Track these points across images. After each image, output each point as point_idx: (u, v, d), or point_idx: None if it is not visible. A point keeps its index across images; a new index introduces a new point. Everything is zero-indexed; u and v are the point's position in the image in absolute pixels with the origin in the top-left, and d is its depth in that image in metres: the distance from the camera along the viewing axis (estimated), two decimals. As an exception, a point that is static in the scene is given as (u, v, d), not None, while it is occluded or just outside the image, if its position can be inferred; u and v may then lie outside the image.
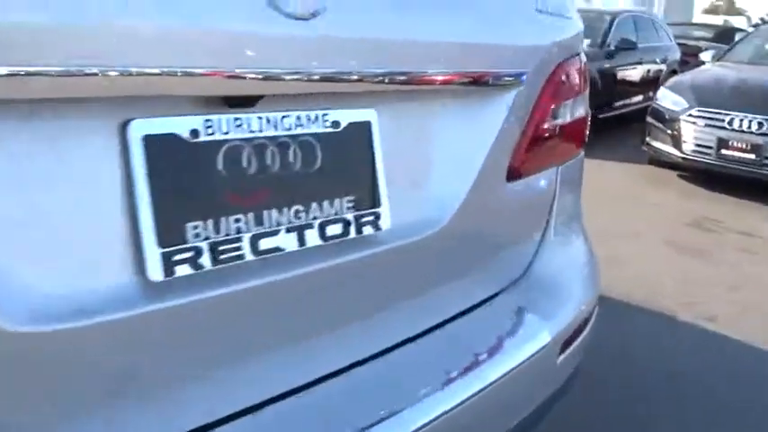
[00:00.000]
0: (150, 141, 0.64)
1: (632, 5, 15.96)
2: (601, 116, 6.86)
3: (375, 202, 0.85)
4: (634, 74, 7.53)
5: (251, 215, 0.72)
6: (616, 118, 7.26)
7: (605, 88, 6.74)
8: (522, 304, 1.19)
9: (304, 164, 0.77)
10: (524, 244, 1.22)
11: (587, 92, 1.28)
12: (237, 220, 0.71)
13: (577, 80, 1.20)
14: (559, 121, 1.17)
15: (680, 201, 4.66)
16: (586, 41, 6.99)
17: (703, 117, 4.87)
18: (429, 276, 1.01)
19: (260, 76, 0.67)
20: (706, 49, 7.44)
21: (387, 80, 0.81)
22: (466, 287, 1.10)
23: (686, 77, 5.68)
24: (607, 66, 6.84)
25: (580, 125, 1.26)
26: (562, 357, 1.17)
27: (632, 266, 3.25)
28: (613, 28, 7.14)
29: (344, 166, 0.82)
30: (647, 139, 5.40)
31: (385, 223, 0.86)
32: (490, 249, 1.13)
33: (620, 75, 7.18)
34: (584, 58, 1.25)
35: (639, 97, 7.56)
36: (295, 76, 0.70)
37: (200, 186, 0.68)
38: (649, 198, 4.68)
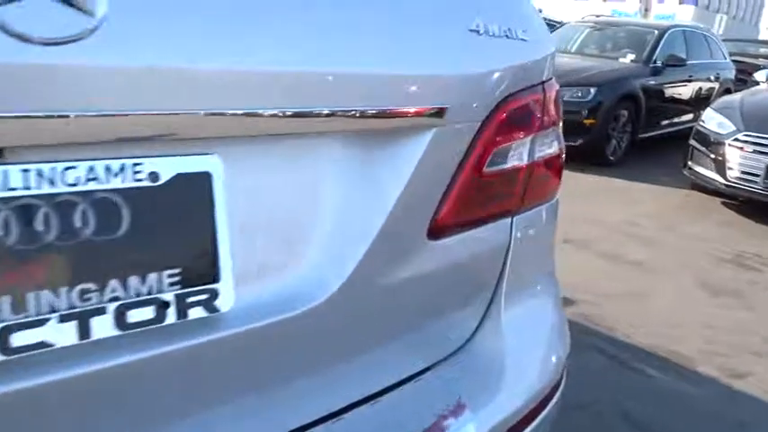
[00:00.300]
0: None
1: (693, 20, 15.34)
2: (643, 136, 6.50)
3: (211, 277, 0.65)
4: (683, 92, 7.11)
5: (4, 299, 0.54)
6: (662, 138, 6.87)
7: (650, 106, 6.37)
8: (451, 388, 0.97)
9: (100, 229, 0.58)
10: (462, 314, 1.00)
11: (559, 126, 1.06)
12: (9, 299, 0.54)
13: (541, 114, 0.99)
14: (513, 164, 0.95)
15: (720, 232, 4.29)
16: (630, 57, 6.67)
17: (751, 142, 4.49)
18: (314, 356, 0.81)
19: None
20: (763, 68, 6.96)
21: (210, 120, 0.61)
22: (372, 365, 0.89)
23: (735, 98, 5.27)
24: (652, 83, 6.47)
25: (549, 164, 1.05)
26: None
27: (655, 306, 2.96)
28: (661, 43, 6.75)
29: (166, 231, 0.62)
30: (689, 162, 5.03)
31: (226, 303, 0.66)
32: (407, 322, 0.92)
33: (667, 93, 6.79)
34: (554, 86, 1.04)
35: (688, 116, 7.13)
36: (45, 115, 0.51)
37: None
38: (687, 228, 4.33)
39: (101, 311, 0.59)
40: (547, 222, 1.12)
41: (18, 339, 0.54)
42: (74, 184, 0.56)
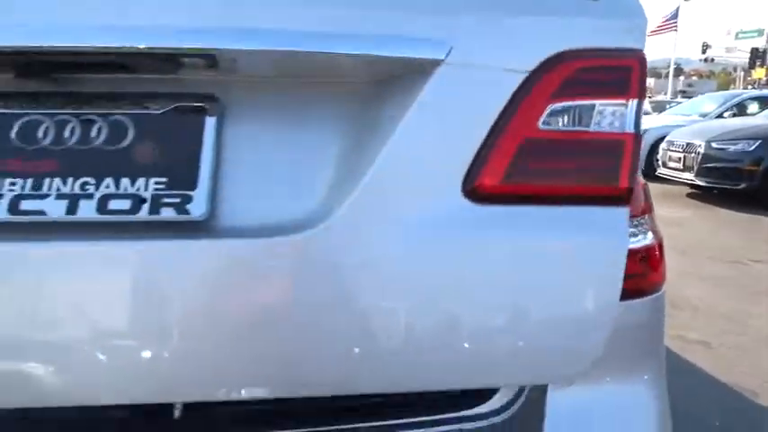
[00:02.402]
0: None
1: None
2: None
3: (188, 188, 0.80)
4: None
5: (27, 181, 0.79)
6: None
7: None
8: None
9: (108, 141, 0.81)
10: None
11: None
12: (11, 185, 0.79)
13: (625, 82, 0.88)
14: (593, 130, 0.86)
15: None
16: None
17: None
18: (286, 305, 0.82)
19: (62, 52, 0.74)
20: None
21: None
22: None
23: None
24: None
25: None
26: None
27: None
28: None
29: (159, 148, 0.82)
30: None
31: (197, 209, 0.80)
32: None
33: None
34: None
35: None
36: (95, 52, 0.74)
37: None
38: None
39: (89, 197, 0.79)
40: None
41: (24, 205, 0.78)
42: (96, 108, 0.81)
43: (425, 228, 0.83)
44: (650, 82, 63.96)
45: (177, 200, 0.80)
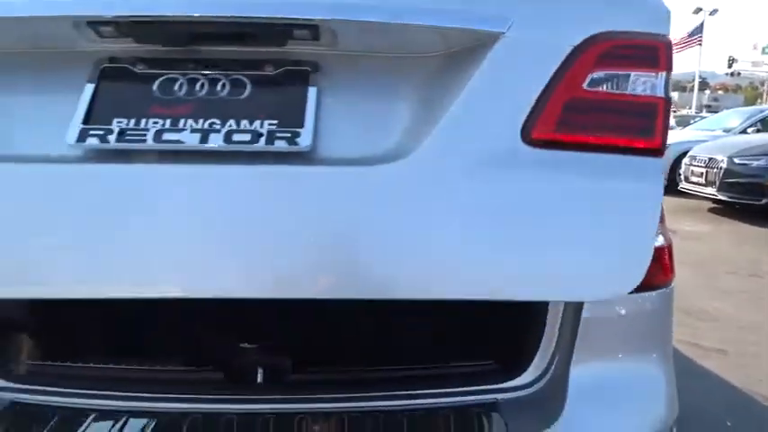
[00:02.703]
0: (105, 71, 1.09)
1: None
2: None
3: (296, 125, 1.04)
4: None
5: (167, 120, 1.04)
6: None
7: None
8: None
9: (230, 93, 1.07)
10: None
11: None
12: (154, 122, 1.04)
13: (653, 56, 1.10)
14: (626, 91, 1.08)
15: None
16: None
17: None
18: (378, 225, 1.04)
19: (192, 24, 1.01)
20: None
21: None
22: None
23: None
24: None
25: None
26: None
27: None
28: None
29: (273, 100, 1.07)
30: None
31: (303, 141, 1.03)
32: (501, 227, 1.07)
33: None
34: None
35: None
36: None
37: (133, 98, 1.07)
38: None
39: (217, 132, 1.04)
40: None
41: (166, 136, 1.03)
42: (220, 69, 1.08)
43: (490, 163, 1.04)
44: (675, 96, 63.39)
45: (288, 134, 1.04)
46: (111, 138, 1.03)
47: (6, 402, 1.31)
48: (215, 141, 1.03)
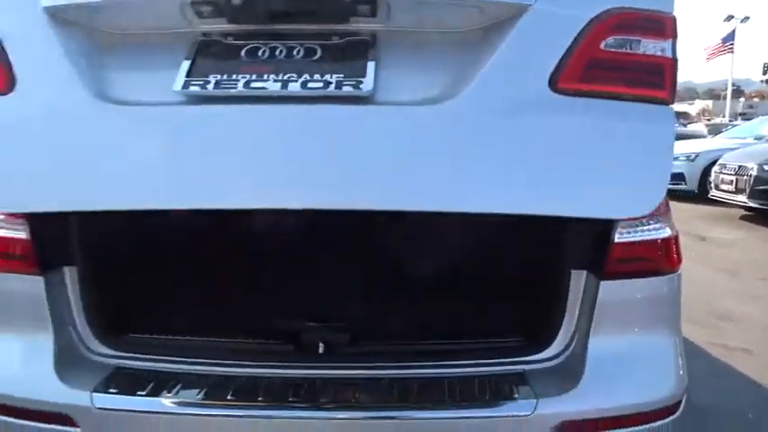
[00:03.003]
0: (202, 43, 1.39)
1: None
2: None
3: (359, 76, 1.32)
4: None
5: (253, 75, 1.33)
6: None
7: None
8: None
9: (304, 56, 1.36)
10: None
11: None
12: (242, 76, 1.33)
13: (659, 26, 1.36)
14: (636, 51, 1.34)
15: None
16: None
17: None
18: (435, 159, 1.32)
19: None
20: None
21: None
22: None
23: None
24: None
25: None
26: None
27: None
28: None
29: (338, 58, 1.35)
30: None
31: (367, 85, 1.31)
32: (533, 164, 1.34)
33: None
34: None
35: None
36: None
37: (225, 60, 1.36)
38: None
39: (294, 81, 1.32)
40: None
41: (254, 84, 1.32)
42: (298, 41, 1.38)
43: (520, 106, 1.32)
44: (708, 104, 62.28)
45: (353, 83, 1.32)
46: (209, 86, 1.33)
47: (112, 367, 1.59)
48: (293, 88, 1.31)
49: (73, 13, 1.39)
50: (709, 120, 30.45)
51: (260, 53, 1.38)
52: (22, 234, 1.58)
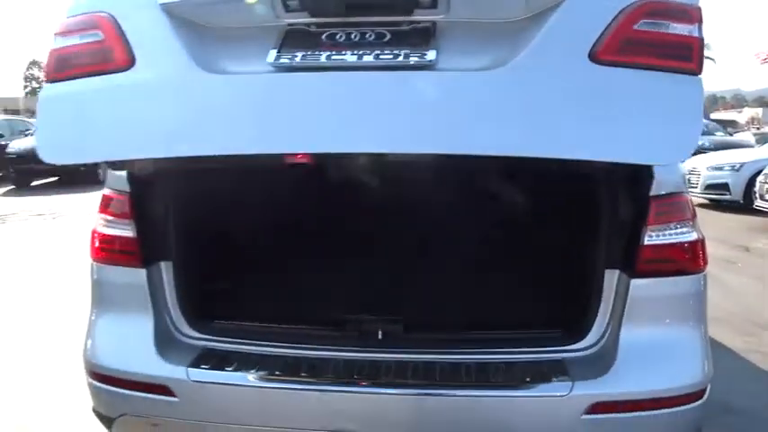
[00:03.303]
0: (288, 31, 1.67)
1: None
2: None
3: (424, 49, 1.58)
4: None
5: (333, 51, 1.61)
6: None
7: None
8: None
9: (375, 38, 1.63)
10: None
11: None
12: (324, 52, 1.61)
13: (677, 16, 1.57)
14: (659, 30, 1.54)
15: None
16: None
17: None
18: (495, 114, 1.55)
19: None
20: None
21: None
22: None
23: None
24: None
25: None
26: (590, 417, 1.60)
27: None
28: None
29: (409, 41, 1.60)
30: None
31: (430, 56, 1.56)
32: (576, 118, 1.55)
33: None
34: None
35: None
36: None
37: (309, 43, 1.63)
38: None
39: (368, 54, 1.58)
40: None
41: (334, 57, 1.60)
42: (370, 27, 1.65)
43: (565, 72, 1.54)
44: (758, 112, 60.37)
45: (419, 54, 1.58)
46: (296, 59, 1.60)
47: (201, 348, 1.86)
48: (367, 59, 1.59)
49: (182, 10, 1.70)
50: (758, 128, 29.63)
51: (337, 37, 1.64)
52: (129, 233, 1.88)
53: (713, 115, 47.47)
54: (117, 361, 1.85)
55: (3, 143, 14.54)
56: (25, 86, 72.93)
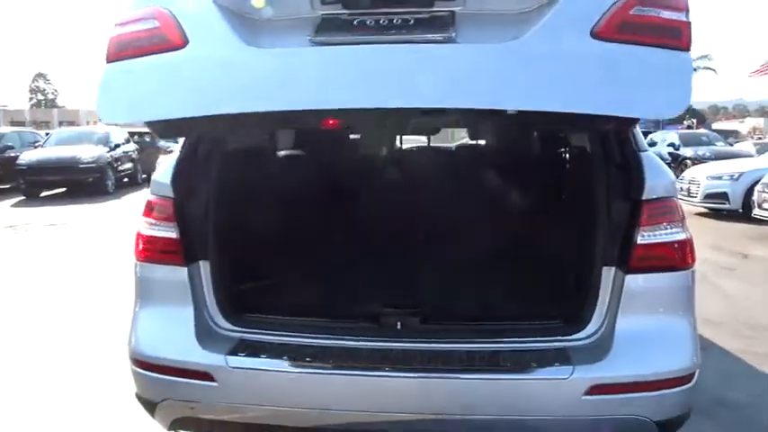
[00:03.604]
0: (324, 18, 1.94)
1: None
2: None
3: (446, 30, 1.83)
4: None
5: (364, 32, 1.85)
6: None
7: None
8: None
9: (401, 24, 1.87)
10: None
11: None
12: (355, 31, 1.85)
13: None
14: (648, 15, 1.78)
15: None
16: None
17: None
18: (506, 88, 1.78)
19: None
20: None
21: None
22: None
23: None
24: None
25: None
26: (589, 398, 1.80)
27: None
28: None
29: (429, 24, 1.84)
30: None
31: (450, 34, 1.81)
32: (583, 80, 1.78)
33: None
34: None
35: None
36: None
37: (342, 27, 1.88)
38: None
39: (395, 34, 1.86)
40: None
41: (368, 24, 1.91)
42: (394, 15, 1.92)
43: (570, 46, 1.76)
44: (759, 122, 60.59)
45: (440, 32, 1.82)
46: (332, 37, 1.86)
47: (236, 339, 2.06)
48: (395, 36, 1.85)
49: (229, 2, 1.95)
50: (760, 138, 29.81)
51: (368, 22, 1.90)
52: (173, 234, 2.08)
53: (715, 125, 47.71)
54: (161, 350, 2.05)
55: (13, 155, 14.79)
56: (30, 98, 74.01)
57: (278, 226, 2.27)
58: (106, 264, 6.83)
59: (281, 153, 3.49)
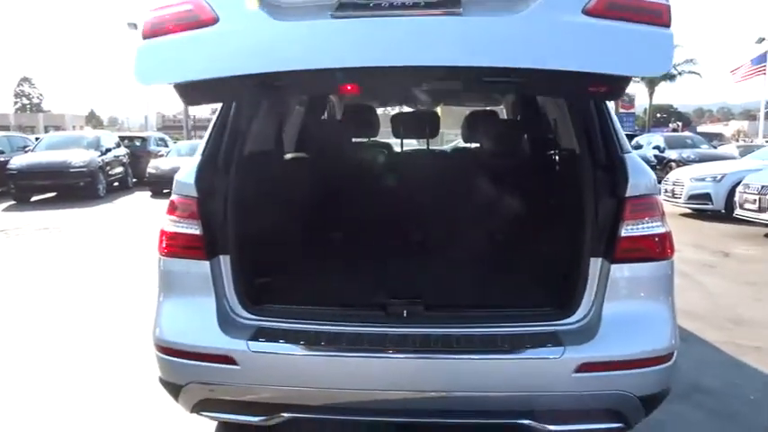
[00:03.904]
0: (341, 2, 2.04)
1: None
2: None
3: (455, 7, 1.95)
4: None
5: (380, 12, 1.98)
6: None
7: None
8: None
9: (413, 6, 1.97)
10: None
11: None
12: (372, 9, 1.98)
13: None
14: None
15: None
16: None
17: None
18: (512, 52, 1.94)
19: None
20: None
21: None
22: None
23: None
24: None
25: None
26: (579, 375, 2.00)
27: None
28: None
29: (438, 3, 1.97)
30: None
31: (458, 8, 1.94)
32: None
33: None
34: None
35: None
36: None
37: (360, 5, 2.00)
38: None
39: (408, 8, 2.00)
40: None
41: (381, 9, 2.01)
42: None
43: (565, 19, 1.91)
44: (743, 125, 61.54)
45: (450, 8, 1.94)
46: (351, 12, 1.99)
47: (255, 327, 2.24)
48: (407, 11, 2.00)
49: None
50: (744, 141, 30.33)
51: (383, 4, 2.03)
52: (196, 231, 2.26)
53: (700, 128, 48.36)
54: (185, 337, 2.22)
55: (3, 159, 14.81)
56: (15, 102, 73.43)
57: (291, 224, 2.46)
58: (100, 267, 6.98)
59: (291, 156, 3.67)
